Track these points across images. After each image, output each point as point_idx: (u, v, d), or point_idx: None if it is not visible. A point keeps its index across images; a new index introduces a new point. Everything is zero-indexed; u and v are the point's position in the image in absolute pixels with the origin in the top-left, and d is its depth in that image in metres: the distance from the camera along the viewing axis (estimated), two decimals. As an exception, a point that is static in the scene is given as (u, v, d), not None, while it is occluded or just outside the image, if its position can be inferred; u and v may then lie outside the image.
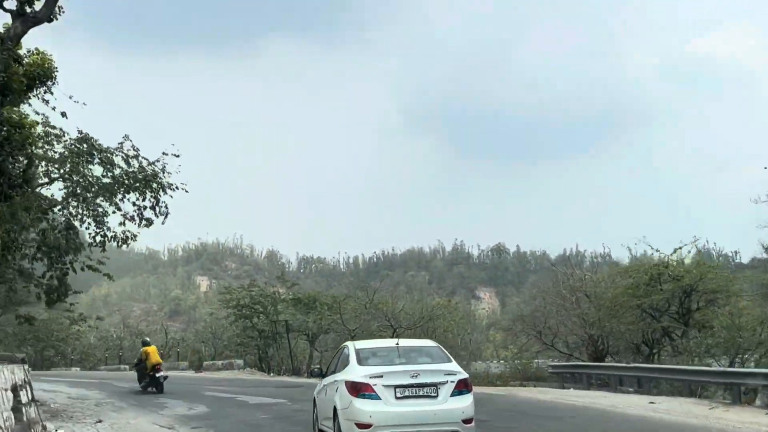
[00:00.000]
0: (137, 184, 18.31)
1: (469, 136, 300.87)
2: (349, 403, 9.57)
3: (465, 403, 9.73)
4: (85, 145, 17.85)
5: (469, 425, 9.70)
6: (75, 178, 17.79)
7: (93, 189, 18.03)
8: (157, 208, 18.90)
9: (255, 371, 33.25)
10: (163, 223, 19.13)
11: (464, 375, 9.99)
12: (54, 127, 17.02)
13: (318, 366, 14.96)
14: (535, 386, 27.12)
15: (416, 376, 9.62)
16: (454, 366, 10.14)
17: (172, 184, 18.96)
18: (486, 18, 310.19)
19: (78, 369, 40.00)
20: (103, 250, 18.34)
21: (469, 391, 9.90)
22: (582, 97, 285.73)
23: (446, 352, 10.78)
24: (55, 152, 17.90)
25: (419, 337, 26.76)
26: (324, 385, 11.39)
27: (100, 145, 18.16)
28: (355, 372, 9.89)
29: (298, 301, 36.38)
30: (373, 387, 9.47)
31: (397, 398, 9.47)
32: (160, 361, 23.28)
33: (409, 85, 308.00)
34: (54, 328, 45.91)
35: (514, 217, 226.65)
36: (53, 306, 17.32)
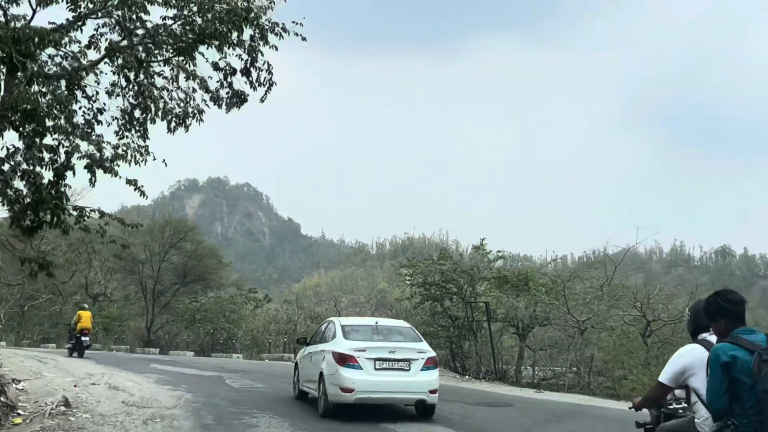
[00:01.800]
0: (221, 28, 9.99)
1: (691, 131, 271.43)
2: (336, 371, 10.91)
3: (432, 376, 11.31)
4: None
5: (434, 395, 11.20)
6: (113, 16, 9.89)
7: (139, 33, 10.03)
8: (254, 72, 10.53)
9: (444, 371, 24.16)
10: (262, 100, 10.70)
11: (432, 354, 11.62)
12: None
13: (304, 336, 16.15)
14: None
15: (393, 351, 11.09)
16: (424, 345, 11.82)
17: (277, 24, 10.45)
18: (709, 8, 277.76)
19: (240, 357, 33.68)
20: (144, 135, 10.28)
21: (435, 367, 11.59)
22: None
23: (417, 333, 12.66)
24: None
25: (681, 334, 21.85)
26: (309, 353, 12.88)
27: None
28: (341, 345, 11.27)
29: (504, 280, 26.83)
30: (357, 358, 10.85)
31: (376, 369, 10.90)
32: (90, 327, 25.09)
33: (626, 79, 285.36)
34: (226, 308, 40.58)
35: (741, 218, 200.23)
36: (32, 237, 9.31)
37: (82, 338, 24.47)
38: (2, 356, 20.30)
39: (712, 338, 4.71)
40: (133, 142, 10.87)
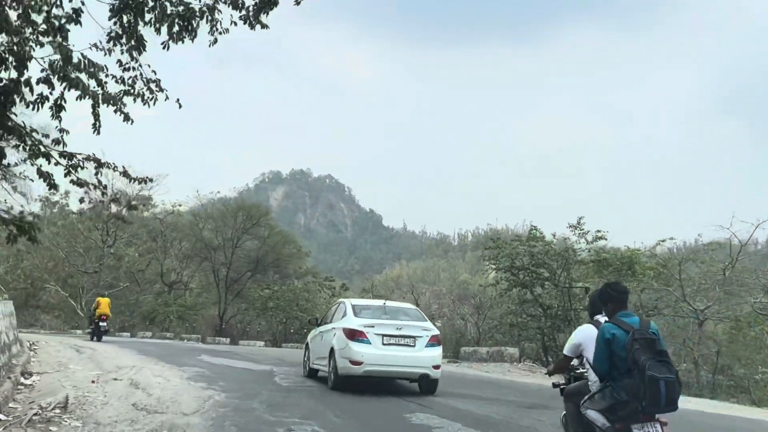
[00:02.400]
0: None
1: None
2: (346, 345, 11.57)
3: (435, 353, 11.94)
4: None
5: (437, 370, 11.85)
6: None
7: None
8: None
9: (535, 366, 21.00)
10: (298, 2, 8.01)
11: (436, 332, 12.22)
12: None
13: (315, 317, 16.49)
14: None
15: (400, 329, 11.74)
16: (429, 324, 12.40)
17: None
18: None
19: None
20: (138, 47, 7.65)
21: (439, 344, 12.19)
22: None
23: (422, 314, 13.31)
24: None
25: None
26: (320, 332, 13.52)
27: None
28: (351, 321, 11.95)
29: (604, 264, 23.39)
30: (366, 334, 11.55)
31: (384, 344, 11.55)
32: (107, 312, 26.00)
33: (720, 65, 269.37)
34: (300, 296, 38.52)
35: None
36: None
37: (100, 323, 25.56)
38: (41, 345, 18.70)
39: (603, 319, 5.74)
40: (141, 74, 8.47)
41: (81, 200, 9.54)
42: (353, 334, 11.55)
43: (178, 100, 9.19)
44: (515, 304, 24.50)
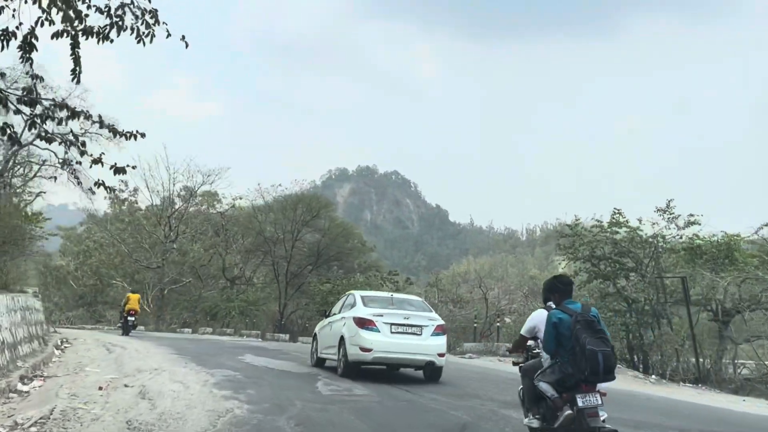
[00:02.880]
0: None
1: None
2: (356, 333, 12.24)
3: (441, 341, 12.52)
4: None
5: (441, 358, 12.44)
6: None
7: None
8: None
9: (621, 369, 18.48)
10: None
11: (441, 322, 12.81)
12: None
13: (324, 309, 18.53)
14: None
15: (407, 318, 12.40)
16: (434, 315, 13.06)
17: None
18: None
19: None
20: None
21: (444, 333, 12.72)
22: None
23: (428, 305, 14.23)
24: None
25: None
26: (329, 322, 14.25)
27: None
28: (361, 311, 12.62)
29: (697, 252, 20.69)
30: (375, 322, 12.18)
31: (392, 332, 12.21)
32: (137, 308, 26.98)
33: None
34: (362, 290, 36.72)
35: None
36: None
37: (129, 318, 26.58)
38: (76, 343, 17.47)
39: (553, 306, 6.43)
40: (132, 2, 6.81)
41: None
42: (363, 323, 12.18)
43: (183, 37, 7.46)
44: (596, 298, 21.92)
